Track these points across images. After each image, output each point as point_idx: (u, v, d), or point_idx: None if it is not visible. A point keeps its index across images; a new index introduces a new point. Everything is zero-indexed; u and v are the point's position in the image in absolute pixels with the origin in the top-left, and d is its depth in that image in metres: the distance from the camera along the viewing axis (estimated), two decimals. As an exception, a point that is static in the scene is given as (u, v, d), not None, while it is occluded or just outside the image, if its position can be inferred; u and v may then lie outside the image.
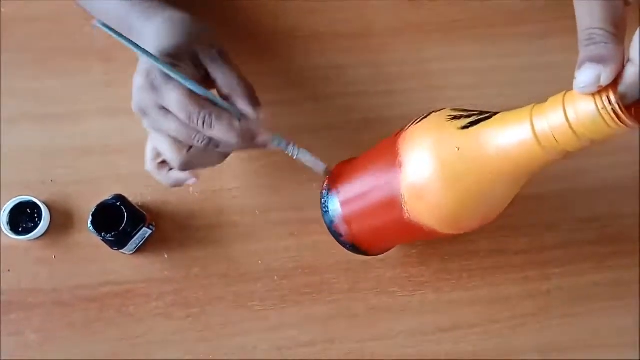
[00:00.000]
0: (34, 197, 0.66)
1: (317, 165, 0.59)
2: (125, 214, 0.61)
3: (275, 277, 0.66)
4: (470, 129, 0.48)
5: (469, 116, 0.49)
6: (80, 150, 0.68)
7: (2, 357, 0.64)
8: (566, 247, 0.67)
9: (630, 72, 0.39)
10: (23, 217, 0.66)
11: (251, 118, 0.55)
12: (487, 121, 0.47)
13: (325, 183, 0.60)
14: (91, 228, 0.61)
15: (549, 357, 0.65)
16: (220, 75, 0.56)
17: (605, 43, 0.40)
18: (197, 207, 0.68)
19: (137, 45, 0.52)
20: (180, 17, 0.58)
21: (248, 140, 0.55)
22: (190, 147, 0.56)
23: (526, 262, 0.67)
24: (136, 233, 0.62)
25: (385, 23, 0.74)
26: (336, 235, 0.60)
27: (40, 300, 0.65)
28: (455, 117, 0.49)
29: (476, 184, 0.48)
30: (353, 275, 0.66)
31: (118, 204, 0.62)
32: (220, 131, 0.54)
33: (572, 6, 0.45)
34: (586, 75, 0.40)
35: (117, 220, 0.61)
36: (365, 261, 0.66)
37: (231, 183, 0.68)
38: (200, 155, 0.57)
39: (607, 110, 0.40)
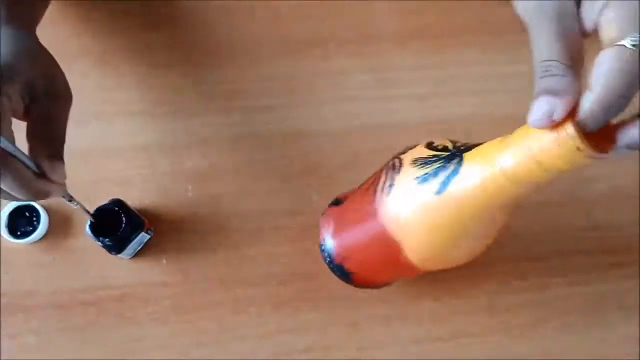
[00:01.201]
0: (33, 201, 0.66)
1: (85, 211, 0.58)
2: (124, 218, 0.61)
3: (274, 283, 0.66)
4: (444, 193, 0.47)
5: (435, 172, 0.48)
6: (78, 154, 0.68)
7: (2, 358, 0.64)
8: (566, 257, 0.67)
9: (588, 100, 0.39)
10: (22, 221, 0.66)
11: (49, 175, 0.50)
12: (456, 177, 0.47)
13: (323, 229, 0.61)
14: (89, 233, 0.61)
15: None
16: (36, 116, 0.50)
17: (562, 75, 0.39)
18: (195, 212, 0.67)
19: None
20: (21, 35, 0.52)
21: (39, 198, 0.50)
22: None
23: (525, 271, 0.67)
24: (134, 238, 0.62)
25: (387, 29, 0.73)
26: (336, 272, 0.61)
27: (38, 302, 0.65)
28: (423, 179, 0.49)
29: (457, 229, 0.49)
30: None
31: (116, 208, 0.61)
32: (7, 185, 0.47)
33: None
34: (540, 108, 0.39)
35: (116, 225, 0.61)
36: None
37: (230, 188, 0.68)
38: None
39: (567, 142, 0.39)
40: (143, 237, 0.64)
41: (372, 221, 0.53)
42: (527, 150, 0.41)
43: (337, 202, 0.61)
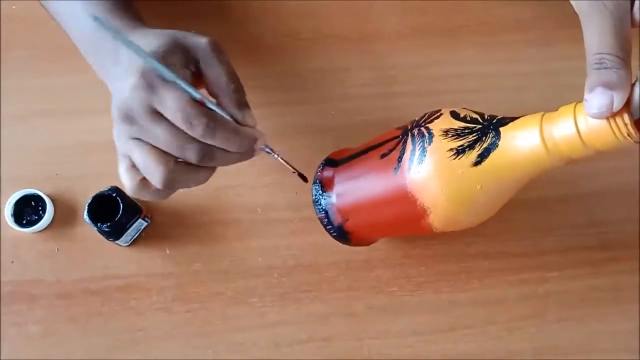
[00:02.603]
0: (39, 191, 0.66)
1: (291, 168, 0.58)
2: (121, 205, 0.62)
3: (276, 275, 0.67)
4: (482, 165, 0.49)
5: (471, 145, 0.50)
6: (84, 146, 0.69)
7: (3, 347, 0.64)
8: (564, 252, 0.68)
9: (638, 92, 0.41)
10: (27, 210, 0.66)
11: (245, 123, 0.52)
12: (495, 151, 0.49)
13: (319, 174, 0.62)
14: (87, 218, 0.62)
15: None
16: (212, 73, 0.52)
17: (617, 69, 0.41)
18: (199, 204, 0.68)
19: (133, 44, 0.48)
20: (145, 29, 0.54)
21: (250, 146, 0.51)
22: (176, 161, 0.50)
23: (524, 265, 0.68)
24: (131, 225, 0.63)
25: (389, 27, 0.75)
26: (327, 224, 0.61)
27: (42, 292, 0.66)
28: (458, 152, 0.50)
29: (490, 197, 0.52)
30: (352, 274, 0.67)
31: (114, 195, 0.62)
32: (222, 139, 0.49)
33: (575, 15, 0.47)
34: (599, 101, 0.41)
35: (113, 212, 0.62)
36: (365, 260, 0.67)
37: (234, 181, 0.69)
38: (185, 171, 0.51)
39: (618, 127, 0.42)
40: (140, 223, 0.64)
41: (394, 187, 0.54)
42: (575, 128, 0.44)
43: (333, 163, 0.62)
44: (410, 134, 0.54)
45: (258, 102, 0.70)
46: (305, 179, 0.58)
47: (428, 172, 0.51)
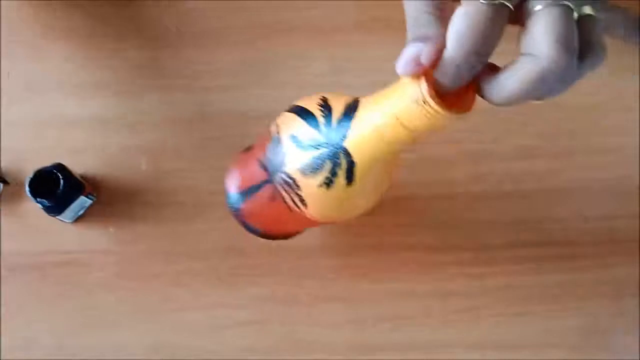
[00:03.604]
0: (-13, 164, 0.67)
1: None
2: (62, 181, 0.63)
3: (216, 258, 0.67)
4: (355, 179, 0.49)
5: (333, 172, 0.49)
6: (36, 122, 0.70)
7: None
8: (509, 247, 0.68)
9: (443, 57, 0.39)
10: (-25, 183, 0.67)
11: None
12: (356, 166, 0.48)
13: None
14: (28, 192, 0.63)
15: (478, 354, 0.66)
16: None
17: (428, 24, 0.40)
18: (147, 185, 0.69)
19: None
20: None
21: None
22: None
23: (468, 260, 0.68)
24: (73, 201, 0.64)
25: (350, 17, 0.75)
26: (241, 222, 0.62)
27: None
28: (327, 183, 0.50)
29: (365, 195, 0.52)
30: (295, 260, 0.67)
31: (55, 171, 0.63)
32: None
33: None
34: (406, 54, 0.40)
35: (56, 188, 0.63)
36: (308, 248, 0.67)
37: (183, 164, 0.69)
38: None
39: (421, 101, 0.40)
40: (84, 201, 0.65)
41: (267, 186, 0.54)
42: (393, 110, 0.42)
43: (248, 148, 0.62)
44: (276, 183, 0.53)
45: (214, 85, 0.72)
46: None
47: (313, 208, 0.52)
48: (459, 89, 0.40)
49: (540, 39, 0.38)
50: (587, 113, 0.71)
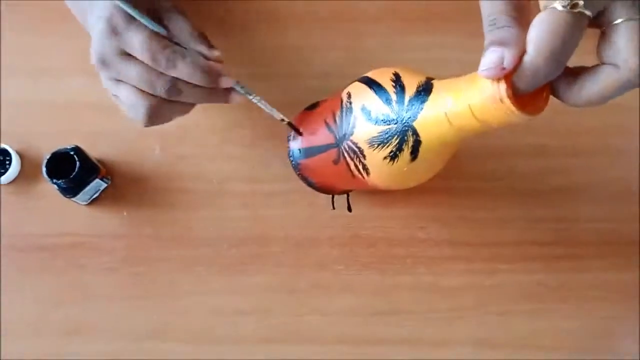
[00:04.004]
0: (7, 145, 0.69)
1: (276, 114, 0.60)
2: (78, 163, 0.64)
3: (225, 245, 0.68)
4: (418, 157, 0.51)
5: (399, 148, 0.51)
6: (55, 105, 0.71)
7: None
8: (516, 245, 0.67)
9: (523, 62, 0.40)
10: (-7, 163, 0.69)
11: (211, 57, 0.55)
12: (422, 145, 0.50)
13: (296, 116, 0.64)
14: (44, 174, 0.64)
15: (482, 352, 0.64)
16: (175, 25, 0.55)
17: (508, 27, 0.41)
18: (159, 171, 0.69)
19: None
20: None
21: (213, 80, 0.55)
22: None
23: (473, 255, 0.67)
24: (88, 183, 0.65)
25: (364, 8, 0.74)
26: (293, 166, 0.63)
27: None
28: (392, 158, 0.52)
29: (423, 173, 0.55)
30: (301, 250, 0.67)
31: (72, 153, 0.64)
32: (184, 68, 0.53)
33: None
34: (489, 58, 0.41)
35: (72, 170, 0.64)
36: (314, 238, 0.67)
37: (195, 150, 0.70)
38: (162, 107, 0.56)
39: (499, 101, 0.41)
40: (99, 184, 0.66)
41: (332, 149, 0.57)
42: (468, 101, 0.44)
43: (312, 106, 0.63)
44: (342, 148, 0.55)
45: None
46: (296, 130, 0.61)
47: (374, 177, 0.54)
48: (534, 90, 0.42)
49: (624, 51, 0.40)
50: (590, 113, 0.69)
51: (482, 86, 0.42)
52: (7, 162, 0.69)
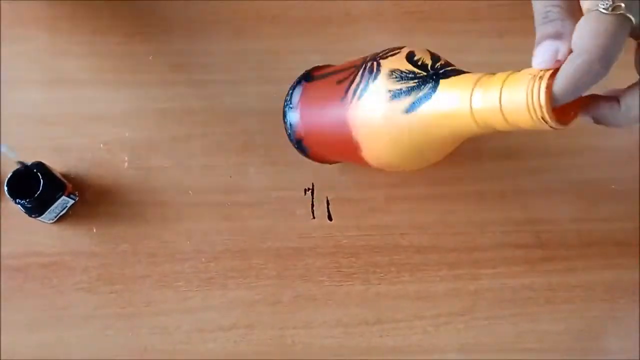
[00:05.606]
0: (-33, 163, 0.65)
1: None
2: (42, 181, 0.61)
3: (203, 259, 0.66)
4: (412, 114, 0.49)
5: (408, 91, 0.49)
6: (18, 118, 0.68)
7: None
8: (499, 248, 0.67)
9: (561, 70, 0.40)
10: (-47, 182, 0.65)
11: None
12: (427, 103, 0.48)
13: (292, 86, 0.62)
14: (6, 193, 0.61)
15: (470, 357, 0.64)
16: None
17: (562, 20, 0.41)
18: (130, 184, 0.67)
19: None
20: None
21: None
22: None
23: (457, 261, 0.66)
24: (54, 201, 0.62)
25: (341, 10, 0.73)
26: (289, 135, 0.62)
27: (-35, 265, 0.65)
28: (394, 95, 0.50)
29: (417, 147, 0.51)
30: (282, 262, 0.66)
31: (35, 170, 0.61)
32: None
33: (528, 6, 0.45)
34: (544, 51, 0.41)
35: (37, 187, 0.61)
36: (296, 249, 0.66)
37: (167, 162, 0.68)
38: None
39: (533, 105, 0.40)
40: (65, 201, 0.63)
41: (338, 115, 0.54)
42: (498, 100, 0.43)
43: (308, 78, 0.62)
44: (364, 66, 0.54)
45: (198, 79, 0.70)
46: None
47: (363, 109, 0.52)
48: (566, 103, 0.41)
49: None
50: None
51: (518, 87, 0.41)
52: (-32, 181, 0.65)
